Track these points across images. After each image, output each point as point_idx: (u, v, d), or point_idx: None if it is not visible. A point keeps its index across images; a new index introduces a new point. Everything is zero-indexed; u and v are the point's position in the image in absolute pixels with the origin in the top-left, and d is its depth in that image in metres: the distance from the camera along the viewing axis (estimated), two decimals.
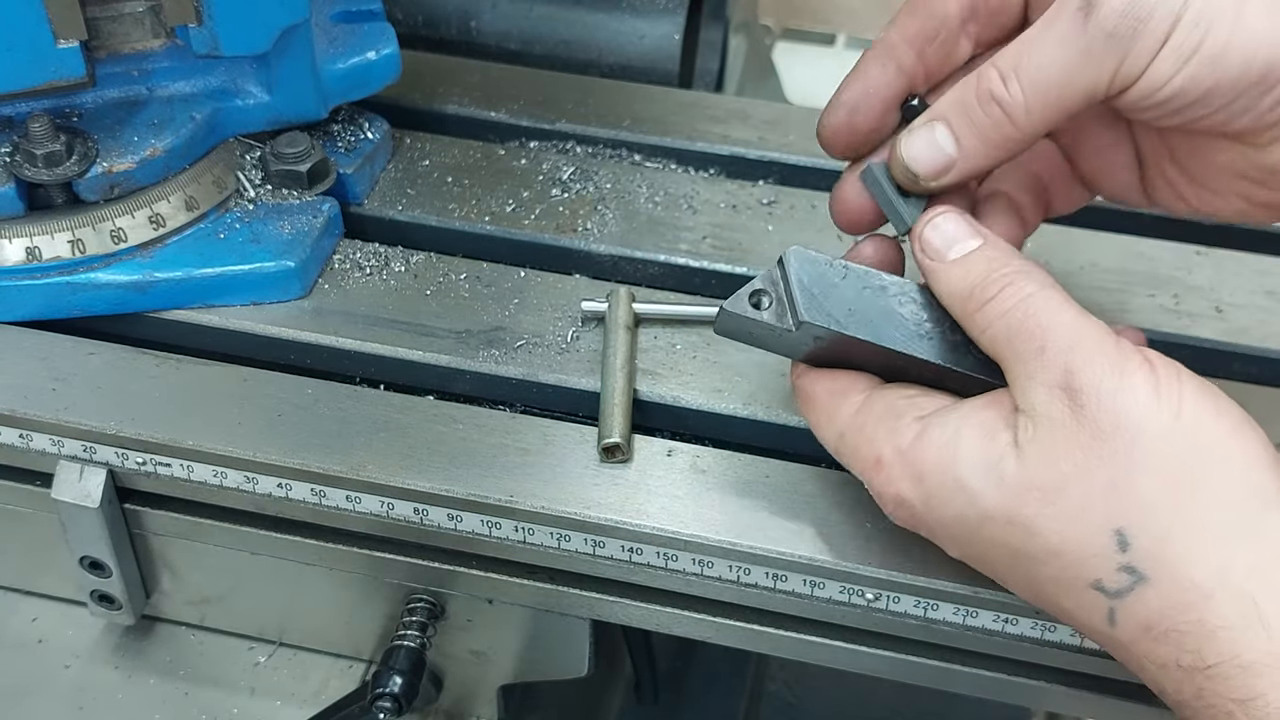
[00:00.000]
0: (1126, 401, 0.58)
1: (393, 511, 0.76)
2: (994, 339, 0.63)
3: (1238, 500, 0.57)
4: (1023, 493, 0.59)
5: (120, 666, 0.90)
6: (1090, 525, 0.58)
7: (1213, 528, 0.56)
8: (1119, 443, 0.57)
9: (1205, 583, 0.56)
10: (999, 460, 0.60)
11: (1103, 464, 0.58)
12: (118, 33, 0.82)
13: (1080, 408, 0.58)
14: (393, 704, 0.79)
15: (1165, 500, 0.57)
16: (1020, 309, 0.62)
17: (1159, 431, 0.57)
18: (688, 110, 1.02)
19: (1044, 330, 0.61)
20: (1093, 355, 0.59)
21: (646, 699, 1.07)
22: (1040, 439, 0.59)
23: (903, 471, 0.63)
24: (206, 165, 0.86)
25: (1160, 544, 0.57)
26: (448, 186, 0.94)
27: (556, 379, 0.81)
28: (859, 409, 0.67)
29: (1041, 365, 0.60)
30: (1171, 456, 0.57)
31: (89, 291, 0.82)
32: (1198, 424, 0.58)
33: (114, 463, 0.78)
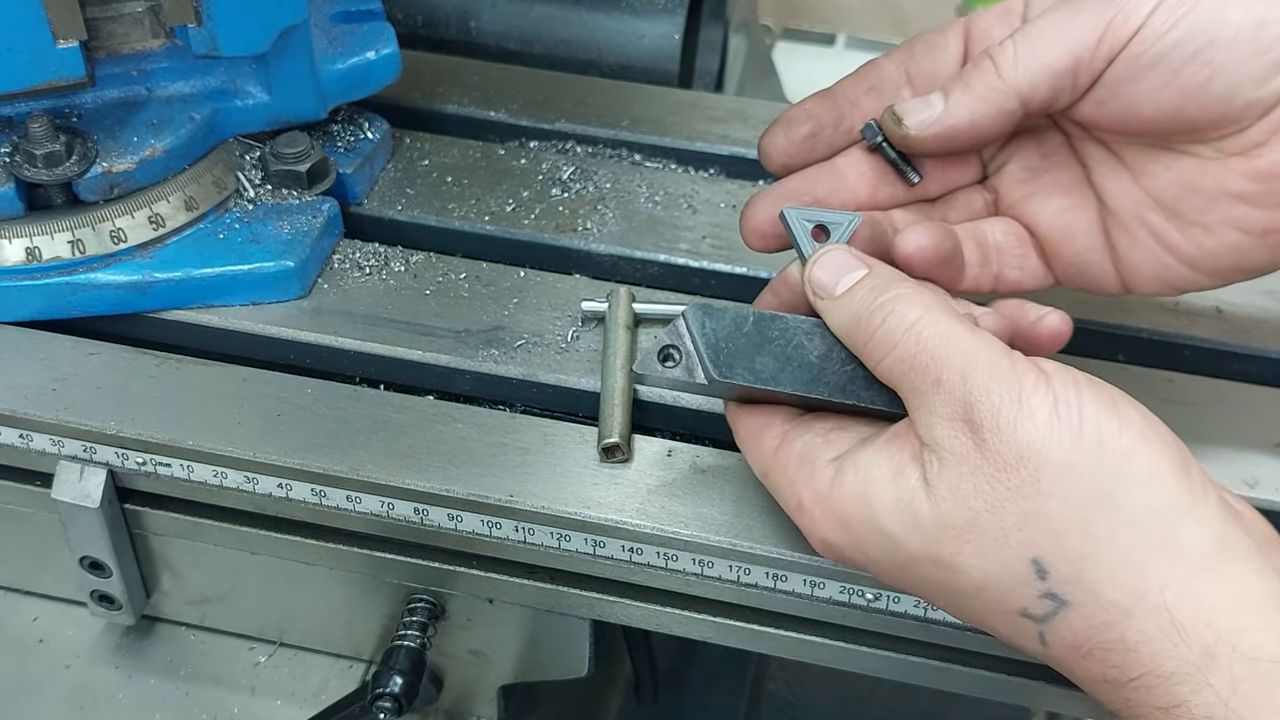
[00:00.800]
0: (1026, 429, 0.57)
1: (393, 511, 0.76)
2: (889, 372, 0.61)
3: (1147, 515, 0.56)
4: (939, 533, 0.59)
5: (120, 666, 0.90)
6: (1008, 557, 0.58)
7: (1124, 547, 0.56)
8: (1024, 473, 0.57)
9: (1122, 601, 0.56)
10: (911, 501, 0.59)
11: (1011, 496, 0.57)
12: (117, 33, 0.82)
13: (982, 441, 0.57)
14: (393, 704, 0.79)
15: (1075, 526, 0.56)
16: (909, 339, 0.60)
17: (1061, 457, 0.57)
18: (688, 110, 1.02)
19: (936, 361, 0.59)
20: (989, 384, 0.58)
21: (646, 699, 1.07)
22: (947, 476, 0.58)
23: (824, 517, 0.63)
24: (206, 165, 0.86)
25: (1076, 569, 0.56)
26: (447, 186, 0.94)
27: (556, 379, 0.81)
28: (778, 448, 0.66)
29: (939, 399, 0.59)
30: (1076, 481, 0.56)
31: (89, 292, 0.82)
32: (1100, 442, 0.57)
33: (114, 463, 0.78)
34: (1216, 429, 0.79)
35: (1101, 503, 0.56)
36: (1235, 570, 0.55)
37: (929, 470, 0.59)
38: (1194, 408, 0.80)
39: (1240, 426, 0.79)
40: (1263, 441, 0.79)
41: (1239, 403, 0.81)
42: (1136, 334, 0.85)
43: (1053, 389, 0.58)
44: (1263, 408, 0.81)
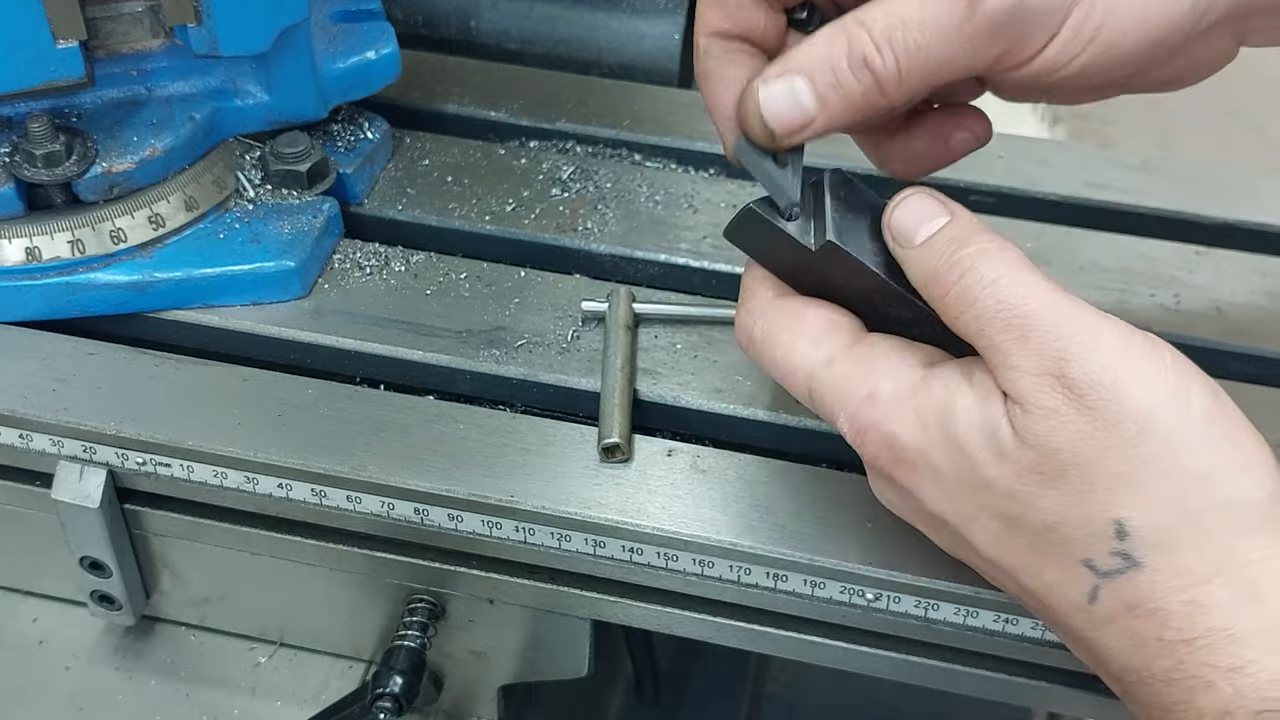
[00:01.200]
0: (1135, 391, 0.55)
1: (393, 512, 0.76)
2: (965, 328, 0.60)
3: (1245, 503, 0.55)
4: (1021, 471, 0.57)
5: (120, 667, 0.89)
6: (1090, 511, 0.56)
7: (1215, 526, 0.55)
8: (1125, 434, 0.55)
9: (1203, 570, 0.55)
10: (996, 432, 0.58)
11: (1105, 455, 0.56)
12: (117, 33, 0.82)
13: (1080, 396, 0.56)
14: (393, 704, 0.79)
15: (1169, 499, 0.55)
16: (987, 296, 0.58)
17: (1168, 427, 0.55)
18: (688, 110, 1.02)
19: (1020, 318, 0.57)
20: (1089, 340, 0.56)
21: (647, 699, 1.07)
22: (1034, 427, 0.57)
23: (900, 413, 0.61)
24: (206, 165, 0.86)
25: (1160, 537, 0.56)
26: (448, 186, 0.94)
27: (557, 379, 0.81)
28: (854, 341, 0.64)
29: (1025, 354, 0.57)
30: (1180, 453, 0.55)
31: (89, 292, 0.82)
32: (1209, 421, 0.56)
33: (114, 463, 0.78)
34: None
35: (1201, 483, 0.55)
36: None
37: (1014, 418, 0.57)
38: None
39: None
40: None
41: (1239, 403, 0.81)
42: None
43: (1162, 358, 0.57)
44: (1263, 408, 0.81)
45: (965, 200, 0.94)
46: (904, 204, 0.63)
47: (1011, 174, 0.96)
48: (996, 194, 0.96)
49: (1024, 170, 0.97)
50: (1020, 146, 0.99)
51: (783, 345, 0.65)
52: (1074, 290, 0.79)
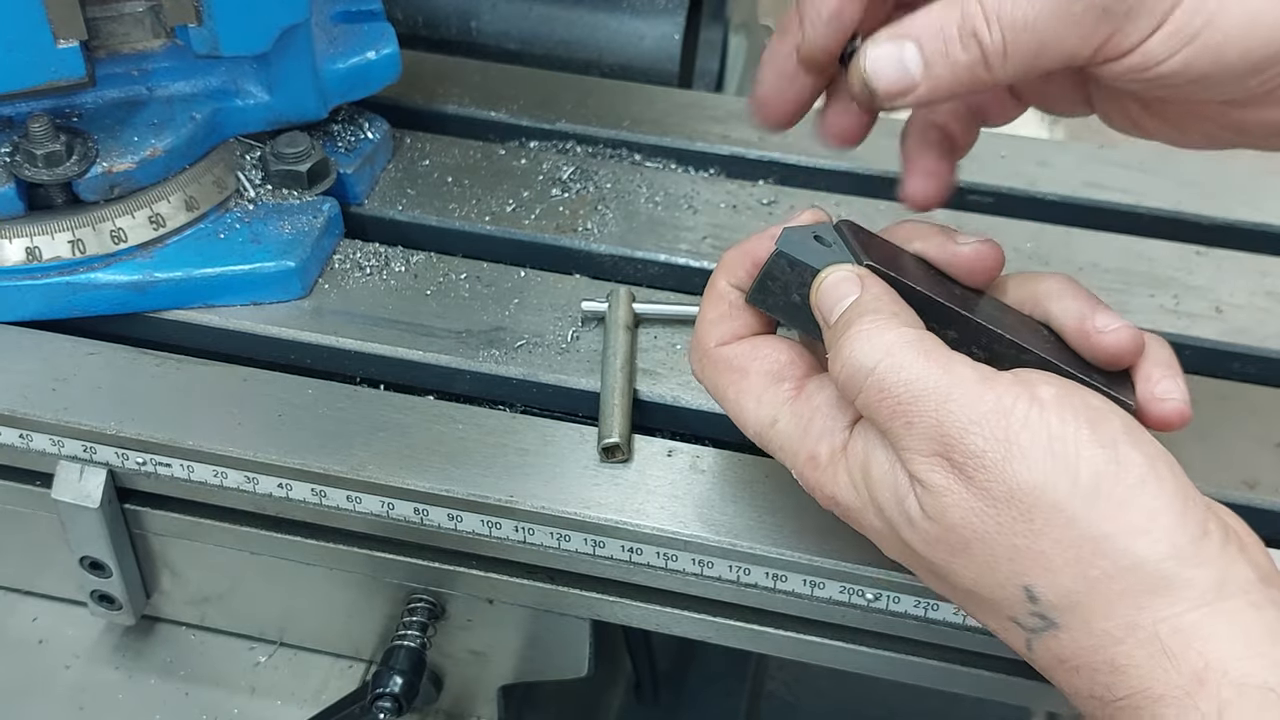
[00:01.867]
0: (1018, 469, 0.56)
1: (393, 511, 0.76)
2: (862, 411, 0.60)
3: (1144, 564, 0.55)
4: (930, 543, 0.59)
5: (120, 666, 0.89)
6: (999, 579, 0.57)
7: (1117, 590, 0.55)
8: (1016, 511, 0.56)
9: (1114, 631, 0.55)
10: (904, 500, 0.59)
11: (1001, 531, 0.56)
12: (118, 33, 0.82)
13: (969, 479, 0.56)
14: (393, 704, 0.79)
15: (1069, 566, 0.56)
16: (871, 384, 0.59)
17: (1056, 500, 0.55)
18: (688, 110, 1.02)
19: (903, 404, 0.58)
20: (968, 423, 0.56)
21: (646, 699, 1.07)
22: (932, 505, 0.58)
23: (837, 475, 0.62)
24: (206, 165, 0.86)
25: (1068, 601, 0.56)
26: (448, 186, 0.94)
27: (556, 379, 0.81)
28: (796, 397, 0.65)
29: (913, 438, 0.58)
30: (1071, 525, 0.55)
31: (89, 291, 0.82)
32: (1097, 489, 0.55)
33: (114, 463, 0.78)
34: (1216, 429, 0.79)
35: (1097, 549, 0.55)
36: (1231, 604, 0.55)
37: (916, 490, 0.59)
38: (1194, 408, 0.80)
39: (1240, 426, 0.79)
40: (1263, 441, 0.79)
41: (1239, 403, 0.81)
42: None
43: (1048, 423, 0.56)
44: (1263, 408, 0.81)
45: (965, 200, 0.95)
46: (825, 284, 0.64)
47: (1011, 174, 0.96)
48: (996, 194, 0.96)
49: (1024, 170, 0.97)
50: (1020, 146, 0.99)
51: (730, 400, 0.67)
52: None
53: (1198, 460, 0.76)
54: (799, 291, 0.65)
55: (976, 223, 0.93)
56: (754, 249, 0.68)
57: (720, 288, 0.68)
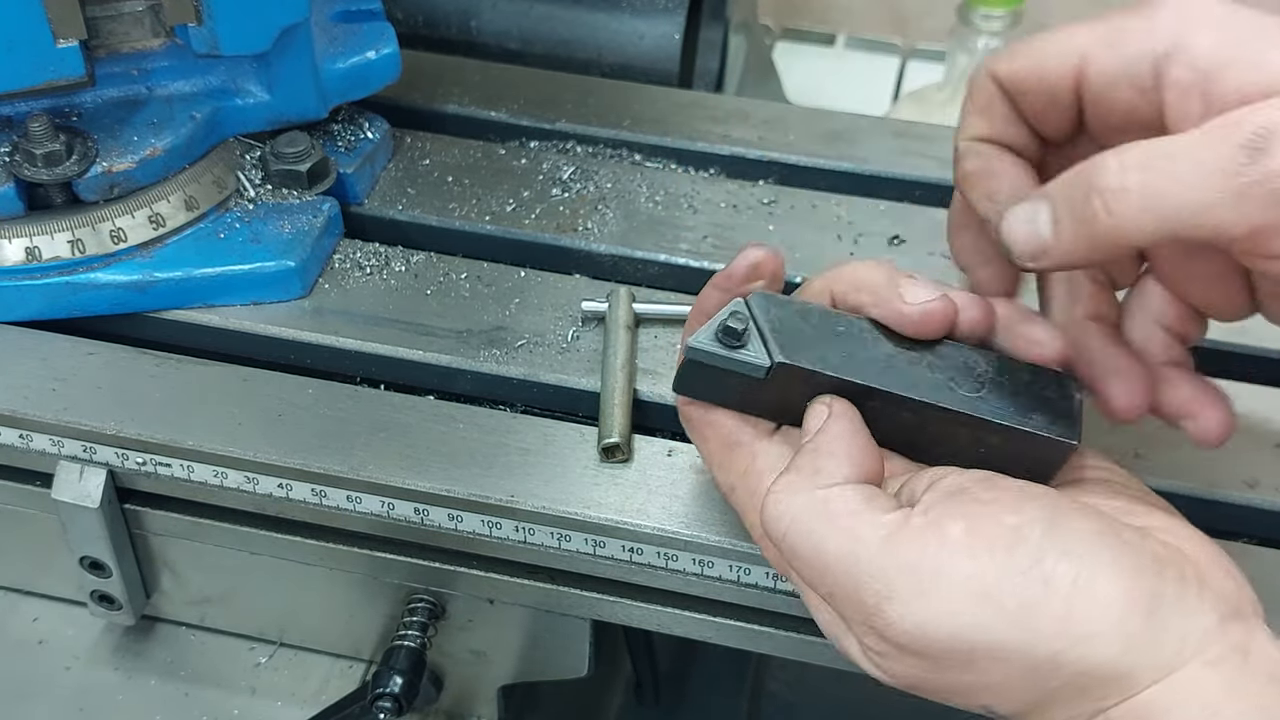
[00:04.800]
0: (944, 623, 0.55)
1: (393, 511, 0.76)
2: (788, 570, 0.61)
3: (1098, 661, 0.54)
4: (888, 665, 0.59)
5: (120, 667, 0.89)
6: (958, 699, 0.57)
7: (1074, 694, 0.55)
8: (955, 661, 0.55)
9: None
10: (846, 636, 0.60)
11: (947, 680, 0.57)
12: (117, 32, 0.82)
13: (901, 646, 0.56)
14: (393, 704, 0.79)
15: (1024, 688, 0.55)
16: (789, 552, 0.59)
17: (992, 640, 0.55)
18: (688, 110, 1.02)
19: (819, 574, 0.58)
20: (884, 586, 0.55)
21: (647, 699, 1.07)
22: (874, 655, 0.58)
23: (780, 547, 0.61)
24: (206, 165, 0.86)
25: (1028, 712, 0.56)
26: (448, 186, 0.94)
27: (557, 379, 0.81)
28: (749, 467, 0.65)
29: (839, 605, 0.58)
30: (1015, 654, 0.54)
31: (89, 291, 0.82)
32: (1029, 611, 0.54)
33: (114, 463, 0.78)
34: None
35: (1049, 666, 0.54)
36: (1187, 673, 0.54)
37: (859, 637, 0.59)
38: None
39: (1240, 426, 0.79)
40: (1263, 441, 0.79)
41: (1239, 403, 0.81)
42: None
43: (962, 567, 0.55)
44: (1263, 408, 0.81)
45: None
46: None
47: None
48: None
49: None
50: None
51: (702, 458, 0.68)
52: None
53: (1198, 460, 0.76)
54: (723, 387, 0.64)
55: None
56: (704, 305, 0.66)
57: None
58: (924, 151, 0.98)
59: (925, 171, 0.96)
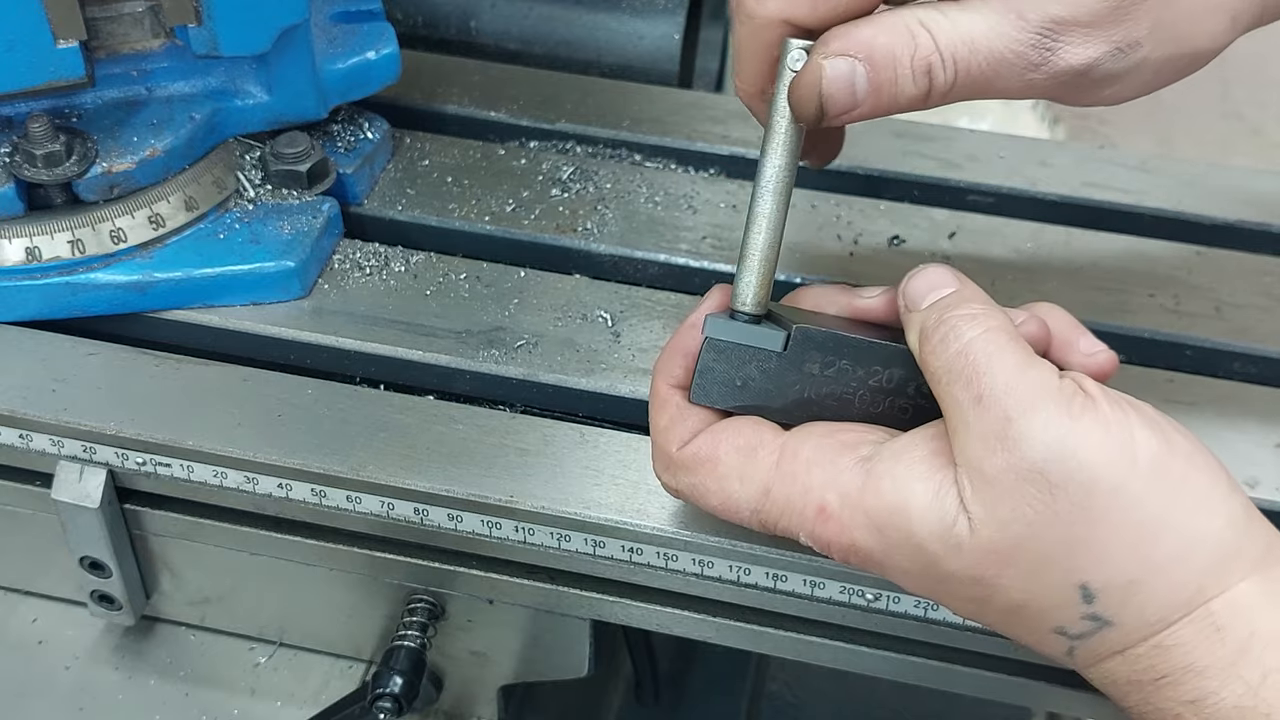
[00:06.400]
0: (1077, 452, 0.55)
1: (393, 511, 0.76)
2: (935, 382, 0.60)
3: (1205, 538, 0.56)
4: (980, 556, 0.57)
5: (120, 667, 0.89)
6: (1053, 581, 0.57)
7: (1176, 572, 0.56)
8: (1072, 497, 0.55)
9: (1170, 615, 0.56)
10: (954, 525, 0.58)
11: (1056, 520, 0.56)
12: (117, 33, 0.82)
13: (1023, 460, 0.56)
14: (393, 704, 0.79)
15: (1129, 552, 0.56)
16: (958, 354, 0.59)
17: (1114, 483, 0.55)
18: (688, 110, 1.02)
19: (980, 377, 0.58)
20: (1032, 401, 0.56)
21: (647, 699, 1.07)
22: (983, 498, 0.57)
23: (854, 519, 0.60)
24: (206, 165, 0.86)
25: (1125, 594, 0.56)
26: (448, 186, 0.94)
27: (556, 379, 0.81)
28: (780, 459, 0.63)
29: (977, 415, 0.57)
30: (1130, 507, 0.55)
31: (89, 291, 0.82)
32: (1154, 469, 0.56)
33: (114, 463, 0.78)
34: (1216, 429, 0.79)
35: (1159, 529, 0.55)
36: (1277, 571, 0.56)
37: (964, 492, 0.57)
38: (1194, 408, 0.80)
39: (1240, 426, 0.79)
40: (1263, 441, 0.79)
41: (1239, 403, 0.81)
42: (1138, 335, 0.85)
43: (1101, 412, 0.56)
44: (1263, 408, 0.81)
45: (965, 200, 0.95)
46: (921, 274, 0.64)
47: (1011, 174, 0.96)
48: (996, 194, 0.96)
49: (1024, 170, 0.97)
50: (1020, 146, 0.99)
51: (714, 493, 0.64)
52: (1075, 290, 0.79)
53: None
54: (741, 377, 0.64)
55: (976, 222, 0.93)
56: (682, 344, 0.66)
57: (662, 393, 0.66)
58: (924, 151, 0.98)
59: (925, 171, 0.96)
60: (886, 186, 0.96)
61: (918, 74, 0.60)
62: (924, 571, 0.60)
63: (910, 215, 0.93)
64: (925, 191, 0.95)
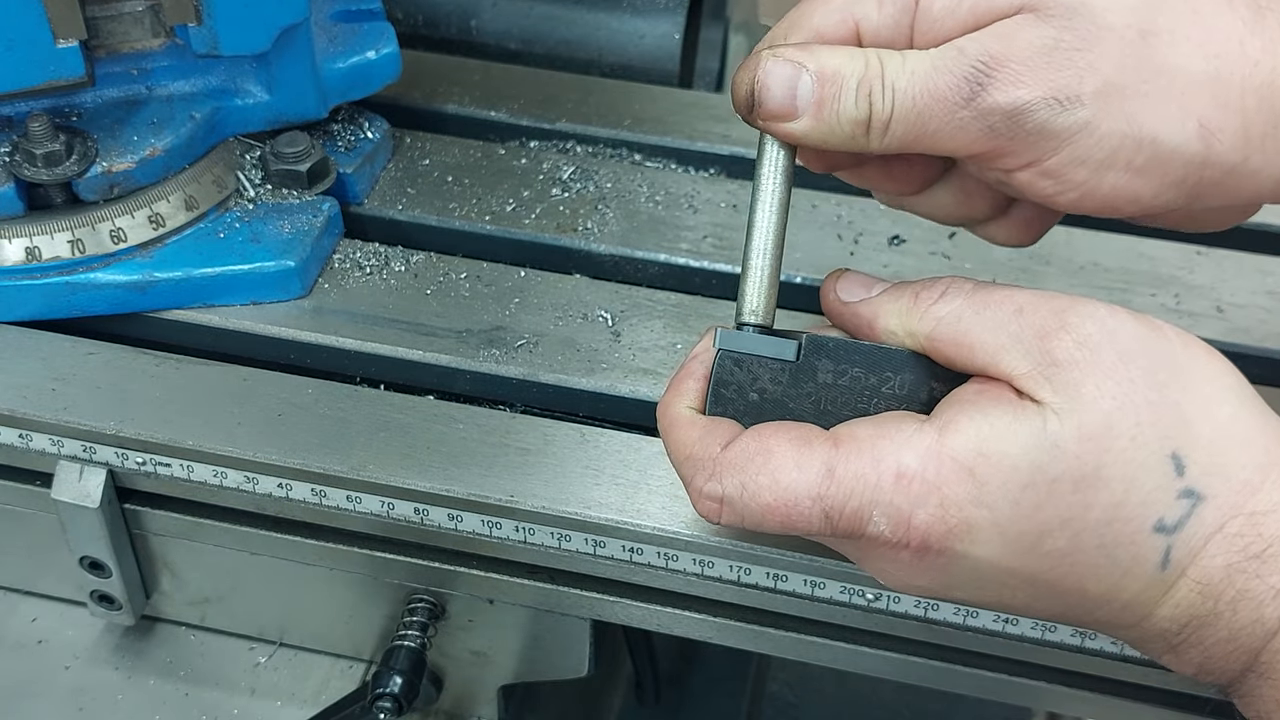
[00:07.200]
0: (1135, 332, 0.59)
1: (393, 511, 0.76)
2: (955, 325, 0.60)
3: (1255, 400, 0.60)
4: (1080, 447, 0.57)
5: (120, 667, 0.89)
6: (1147, 456, 0.57)
7: (1246, 429, 0.58)
8: (1142, 367, 0.58)
9: (1253, 478, 0.58)
10: (1044, 429, 0.57)
11: (1135, 387, 0.57)
12: (117, 32, 0.82)
13: (1089, 336, 0.58)
14: (393, 704, 0.79)
15: (1200, 413, 0.58)
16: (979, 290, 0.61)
17: (1165, 352, 0.59)
18: (688, 110, 1.02)
19: (1009, 296, 0.60)
20: (1073, 301, 0.59)
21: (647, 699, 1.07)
22: (1064, 388, 0.57)
23: (941, 474, 0.57)
24: (206, 165, 0.86)
25: (1209, 456, 0.58)
26: (448, 186, 0.94)
27: (556, 379, 0.81)
28: (835, 442, 0.60)
29: (1025, 323, 0.59)
30: (1189, 372, 0.59)
31: (89, 291, 0.82)
32: (1199, 350, 0.60)
33: (114, 463, 0.78)
34: None
35: (1219, 392, 0.59)
36: None
37: (1041, 392, 0.57)
38: None
39: None
40: None
41: None
42: None
43: (1123, 319, 0.60)
44: None
45: None
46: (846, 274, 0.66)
47: None
48: None
49: None
50: None
51: (767, 487, 0.59)
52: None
53: None
54: (756, 389, 0.63)
55: None
56: (690, 372, 0.65)
57: (683, 414, 0.64)
58: None
59: None
60: None
61: (860, 96, 0.61)
62: (1018, 500, 0.57)
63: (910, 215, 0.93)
64: None
